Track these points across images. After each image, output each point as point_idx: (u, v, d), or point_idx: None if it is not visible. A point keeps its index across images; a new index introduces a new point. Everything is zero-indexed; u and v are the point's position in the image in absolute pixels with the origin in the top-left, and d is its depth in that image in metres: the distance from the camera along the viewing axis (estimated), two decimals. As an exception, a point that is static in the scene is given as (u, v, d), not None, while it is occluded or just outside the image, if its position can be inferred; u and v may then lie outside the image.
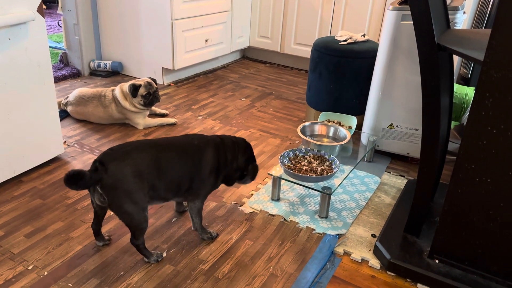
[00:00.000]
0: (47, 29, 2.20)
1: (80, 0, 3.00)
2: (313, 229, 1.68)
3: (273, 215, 1.75)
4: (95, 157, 2.05)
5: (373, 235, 1.66)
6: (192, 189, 1.48)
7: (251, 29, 3.66)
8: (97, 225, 1.50)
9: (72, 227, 1.62)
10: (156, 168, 1.38)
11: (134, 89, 2.33)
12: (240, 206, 1.80)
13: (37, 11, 1.74)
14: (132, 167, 1.32)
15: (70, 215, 1.68)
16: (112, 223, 1.65)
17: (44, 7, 1.87)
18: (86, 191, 1.81)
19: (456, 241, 1.38)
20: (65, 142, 2.20)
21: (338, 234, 1.65)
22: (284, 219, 1.74)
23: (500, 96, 1.13)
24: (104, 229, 1.60)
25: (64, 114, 2.47)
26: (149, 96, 2.37)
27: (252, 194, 1.87)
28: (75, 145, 2.19)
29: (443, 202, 1.36)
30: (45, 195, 1.78)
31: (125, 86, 2.38)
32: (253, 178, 1.63)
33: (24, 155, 1.85)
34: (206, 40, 3.18)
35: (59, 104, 2.48)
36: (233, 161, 1.54)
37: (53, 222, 1.63)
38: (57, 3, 3.15)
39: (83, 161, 2.04)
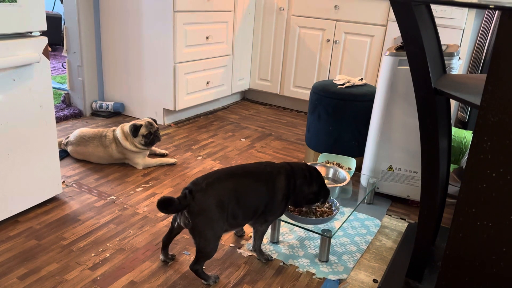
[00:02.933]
0: (51, 71, 2.24)
1: (85, 43, 3.08)
2: (313, 274, 1.64)
3: (272, 258, 1.71)
4: (93, 197, 2.06)
5: (375, 280, 1.62)
6: (263, 214, 1.59)
7: (251, 72, 3.74)
8: (168, 240, 1.63)
9: (67, 269, 1.58)
10: (235, 198, 1.50)
11: (135, 129, 2.35)
12: (239, 248, 1.77)
13: (42, 53, 1.78)
14: (216, 198, 1.46)
15: (65, 256, 1.65)
16: (106, 266, 1.61)
17: (50, 49, 1.91)
18: (82, 232, 1.79)
19: (459, 286, 1.35)
20: (63, 182, 2.19)
21: (339, 279, 1.62)
22: (284, 262, 1.70)
23: (498, 140, 1.14)
24: (99, 272, 1.57)
25: (64, 154, 2.48)
26: (150, 135, 2.38)
27: (250, 236, 1.84)
28: (74, 185, 2.18)
29: (444, 246, 1.33)
30: (41, 236, 1.76)
31: (126, 126, 2.40)
32: (324, 201, 1.73)
33: (21, 194, 1.84)
34: (207, 83, 3.24)
35: (60, 143, 2.49)
36: (302, 187, 1.63)
37: (47, 264, 1.60)
38: (63, 45, 3.23)
39: (80, 201, 2.03)
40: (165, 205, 1.40)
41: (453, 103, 2.85)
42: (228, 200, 1.48)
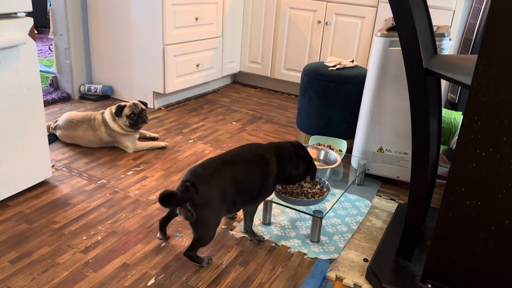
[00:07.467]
0: (38, 54, 2.20)
1: (72, 25, 3.02)
2: (305, 254, 1.66)
3: (264, 240, 1.73)
4: (84, 181, 2.05)
5: (365, 260, 1.65)
6: (257, 196, 1.60)
7: (241, 55, 3.71)
8: (165, 222, 1.65)
9: (59, 252, 1.58)
10: (235, 186, 1.50)
11: (118, 109, 2.33)
12: (231, 230, 1.78)
13: (28, 35, 1.74)
14: (219, 189, 1.46)
15: (57, 240, 1.64)
16: (98, 249, 1.61)
17: (36, 32, 1.87)
18: (73, 216, 1.79)
19: (448, 265, 1.37)
20: (53, 166, 2.17)
21: (330, 259, 1.64)
22: (276, 243, 1.72)
23: (488, 120, 1.15)
24: (91, 255, 1.57)
25: (53, 138, 2.45)
26: (134, 116, 2.34)
27: (242, 219, 1.85)
28: (63, 169, 2.16)
29: (434, 226, 1.35)
30: (32, 220, 1.75)
31: (114, 108, 2.37)
32: (313, 177, 1.76)
33: (11, 179, 1.82)
34: (197, 65, 3.21)
35: (48, 127, 2.46)
36: (291, 167, 1.64)
37: (39, 247, 1.59)
38: (49, 28, 3.17)
39: (71, 185, 2.01)
40: (168, 199, 1.37)
41: (443, 84, 2.86)
42: (229, 189, 1.49)
